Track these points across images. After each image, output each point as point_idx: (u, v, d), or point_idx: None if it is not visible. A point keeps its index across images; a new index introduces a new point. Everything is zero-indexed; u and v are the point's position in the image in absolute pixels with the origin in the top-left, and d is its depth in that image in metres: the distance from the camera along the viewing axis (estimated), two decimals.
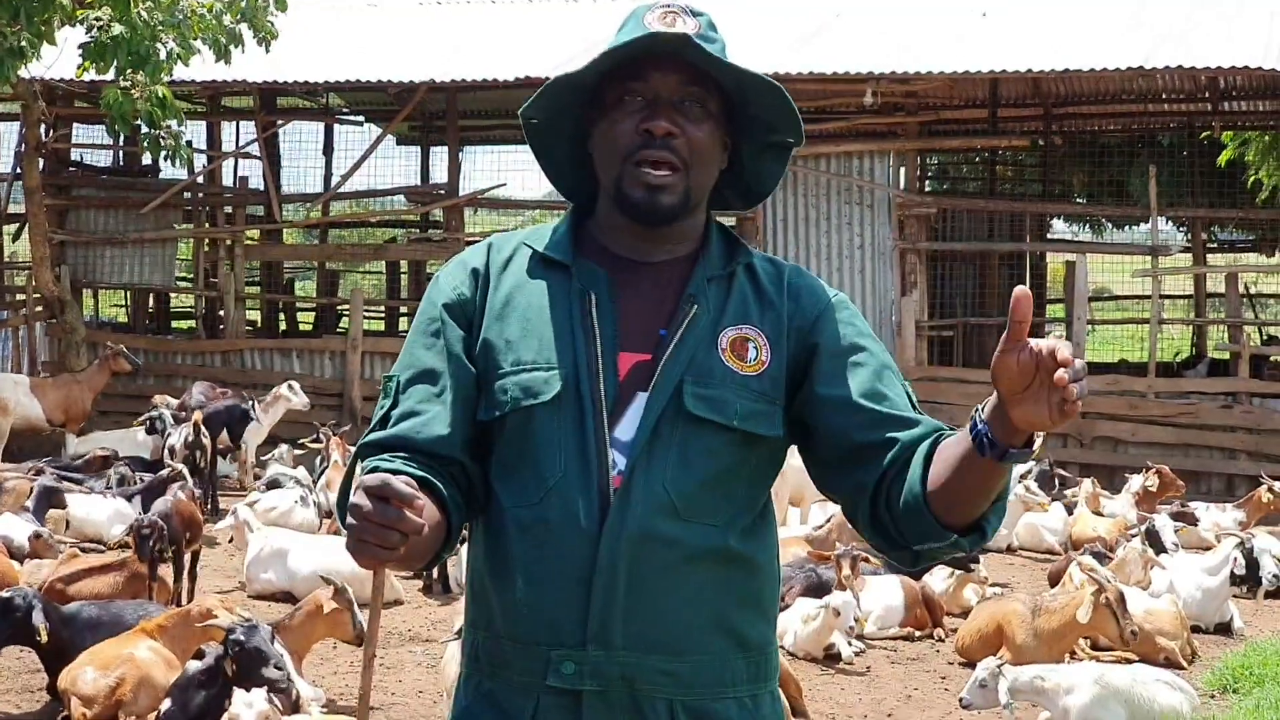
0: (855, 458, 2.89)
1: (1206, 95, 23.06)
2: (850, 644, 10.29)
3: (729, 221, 20.58)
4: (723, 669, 2.88)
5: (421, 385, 2.96)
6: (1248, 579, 11.94)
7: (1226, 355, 20.42)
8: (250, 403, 16.53)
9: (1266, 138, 25.08)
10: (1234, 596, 11.82)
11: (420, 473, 2.82)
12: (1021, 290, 2.61)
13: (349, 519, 2.60)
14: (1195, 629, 10.98)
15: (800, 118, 3.04)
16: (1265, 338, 24.46)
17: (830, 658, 10.20)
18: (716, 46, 2.95)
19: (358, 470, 2.86)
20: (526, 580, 2.85)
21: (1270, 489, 14.61)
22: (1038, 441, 2.68)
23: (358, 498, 2.58)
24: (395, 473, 2.72)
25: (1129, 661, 9.67)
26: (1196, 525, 14.12)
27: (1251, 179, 25.28)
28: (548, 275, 3.00)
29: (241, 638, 7.27)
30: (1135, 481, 15.37)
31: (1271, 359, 21.88)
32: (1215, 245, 27.50)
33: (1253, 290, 26.54)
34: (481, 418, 2.94)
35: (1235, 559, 11.45)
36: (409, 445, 2.90)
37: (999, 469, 2.69)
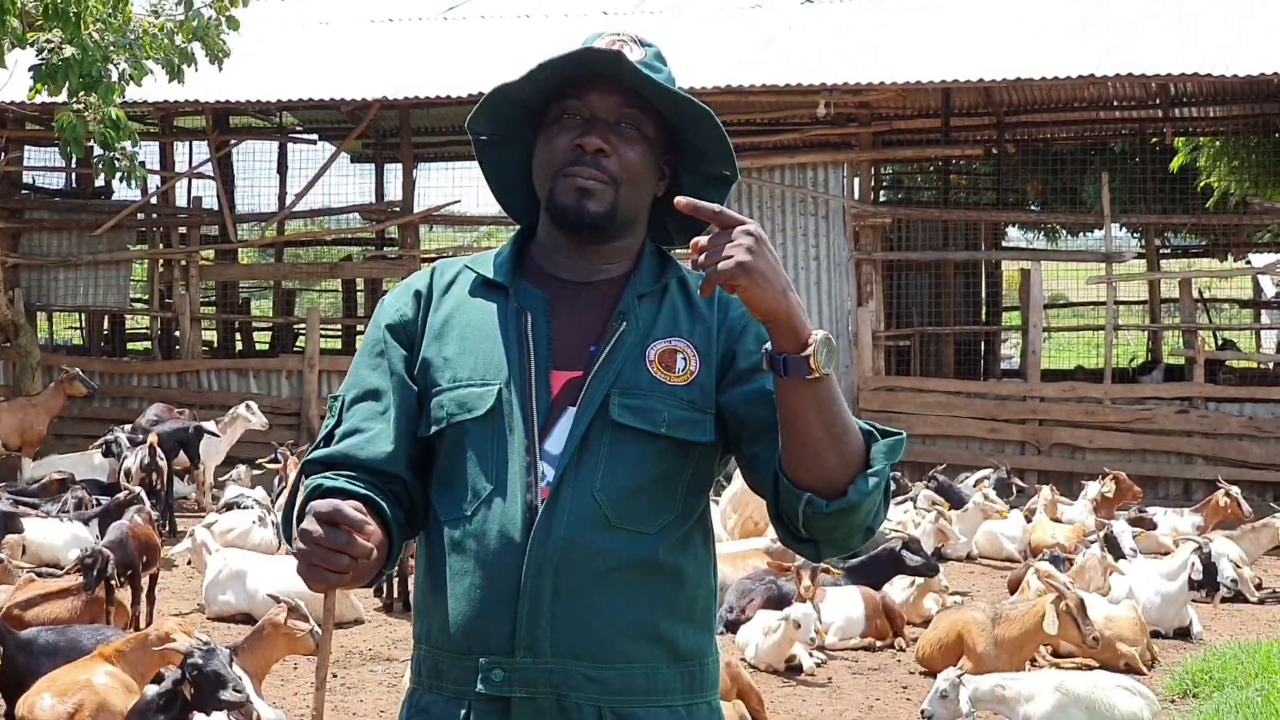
0: (763, 469, 2.93)
1: (1157, 102, 23.20)
2: (811, 655, 10.30)
3: None
4: (652, 678, 2.92)
5: (365, 404, 3.03)
6: (1206, 583, 11.98)
7: (1182, 360, 20.52)
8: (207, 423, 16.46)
9: (1217, 143, 25.23)
10: (1193, 601, 11.86)
11: (363, 491, 2.88)
12: (681, 200, 2.73)
13: (299, 544, 2.67)
14: (1155, 634, 11.02)
15: (733, 148, 3.09)
16: (1220, 342, 24.58)
17: (792, 669, 10.20)
18: (661, 76, 3.01)
19: (302, 487, 2.94)
20: (458, 591, 2.92)
21: (1227, 493, 14.68)
22: (810, 348, 2.70)
23: (308, 523, 2.65)
24: (340, 491, 2.82)
25: (1089, 668, 9.70)
26: (1154, 530, 14.17)
27: (1203, 184, 25.41)
28: (488, 296, 3.07)
29: (200, 661, 7.22)
30: (1093, 488, 15.44)
31: (1226, 364, 22.03)
32: (1169, 251, 27.66)
33: (1206, 295, 26.69)
34: (421, 434, 3.01)
35: (1193, 564, 11.48)
36: (352, 462, 2.96)
37: (791, 387, 2.73)
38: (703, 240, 2.67)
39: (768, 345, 2.74)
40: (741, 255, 2.63)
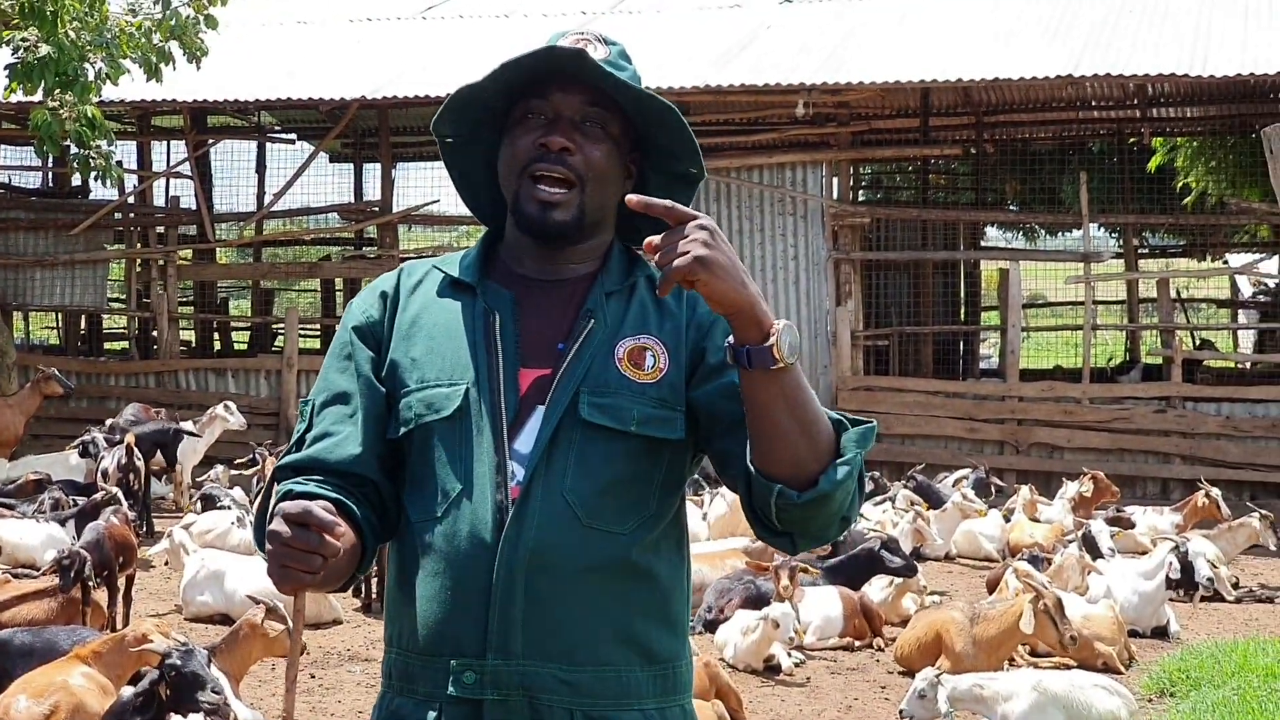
0: (738, 462, 2.90)
1: (1135, 102, 23.25)
2: (790, 655, 10.31)
3: None
4: (625, 680, 2.90)
5: (335, 407, 3.03)
6: (1183, 583, 12.01)
7: (1159, 360, 20.57)
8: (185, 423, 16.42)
9: (1195, 143, 25.30)
10: (1170, 600, 11.89)
11: (334, 494, 2.88)
12: (632, 198, 2.74)
13: (269, 545, 2.66)
14: (1132, 633, 11.04)
15: (698, 146, 3.08)
16: (1198, 342, 24.64)
17: (770, 669, 10.20)
18: (625, 74, 3.00)
19: (274, 493, 2.93)
20: (429, 593, 2.91)
21: (1207, 494, 14.71)
22: (772, 339, 2.69)
23: (277, 524, 2.64)
24: (310, 495, 2.81)
25: (1067, 667, 9.71)
26: (1133, 529, 14.20)
27: (1181, 184, 25.49)
28: (455, 296, 3.06)
29: (177, 662, 7.20)
30: (1071, 487, 15.46)
31: (1203, 363, 22.10)
32: (1147, 251, 27.73)
33: (1184, 295, 26.75)
34: (390, 435, 3.00)
35: (1170, 563, 11.51)
36: (322, 466, 2.96)
37: (756, 378, 2.72)
38: (656, 239, 2.65)
39: (730, 339, 2.73)
40: (698, 250, 2.62)
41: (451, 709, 2.87)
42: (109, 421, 16.76)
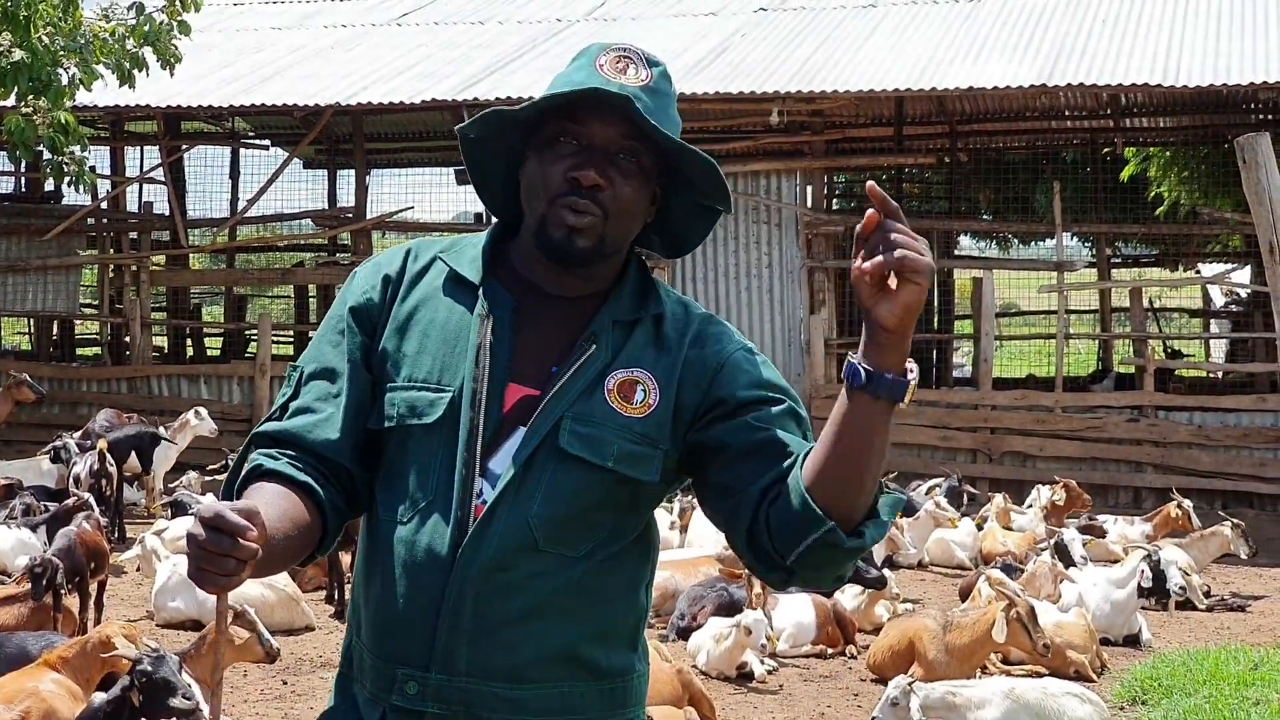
0: (738, 491, 2.89)
1: (1108, 112, 23.36)
2: (763, 662, 10.31)
3: None
4: (570, 697, 2.89)
5: (321, 382, 3.02)
6: (1155, 591, 12.04)
7: (1132, 369, 20.62)
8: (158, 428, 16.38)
9: (1168, 153, 25.39)
10: (1144, 609, 11.92)
11: (301, 477, 2.89)
12: (870, 185, 2.70)
13: (187, 547, 2.63)
14: (1104, 641, 11.07)
15: (730, 191, 3.04)
16: (1169, 351, 24.71)
17: (743, 676, 10.20)
18: (662, 100, 2.95)
19: (247, 461, 2.95)
20: (384, 594, 2.91)
21: (1179, 505, 14.73)
22: (911, 376, 2.69)
23: (194, 527, 2.61)
24: (276, 474, 2.86)
25: (1040, 675, 9.73)
26: (1105, 538, 14.23)
27: (1154, 194, 25.57)
28: (456, 293, 3.02)
29: (149, 668, 7.17)
30: (1043, 495, 15.48)
31: (1175, 372, 22.16)
32: (1119, 260, 27.80)
33: (1157, 304, 26.83)
34: (372, 425, 2.99)
35: (1142, 571, 11.54)
36: (299, 443, 2.96)
37: (875, 408, 2.71)
38: (877, 219, 2.66)
39: (856, 358, 2.70)
40: (928, 257, 2.62)
41: (394, 716, 2.88)
42: (82, 429, 16.71)
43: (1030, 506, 15.53)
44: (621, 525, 2.94)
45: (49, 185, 22.56)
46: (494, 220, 3.18)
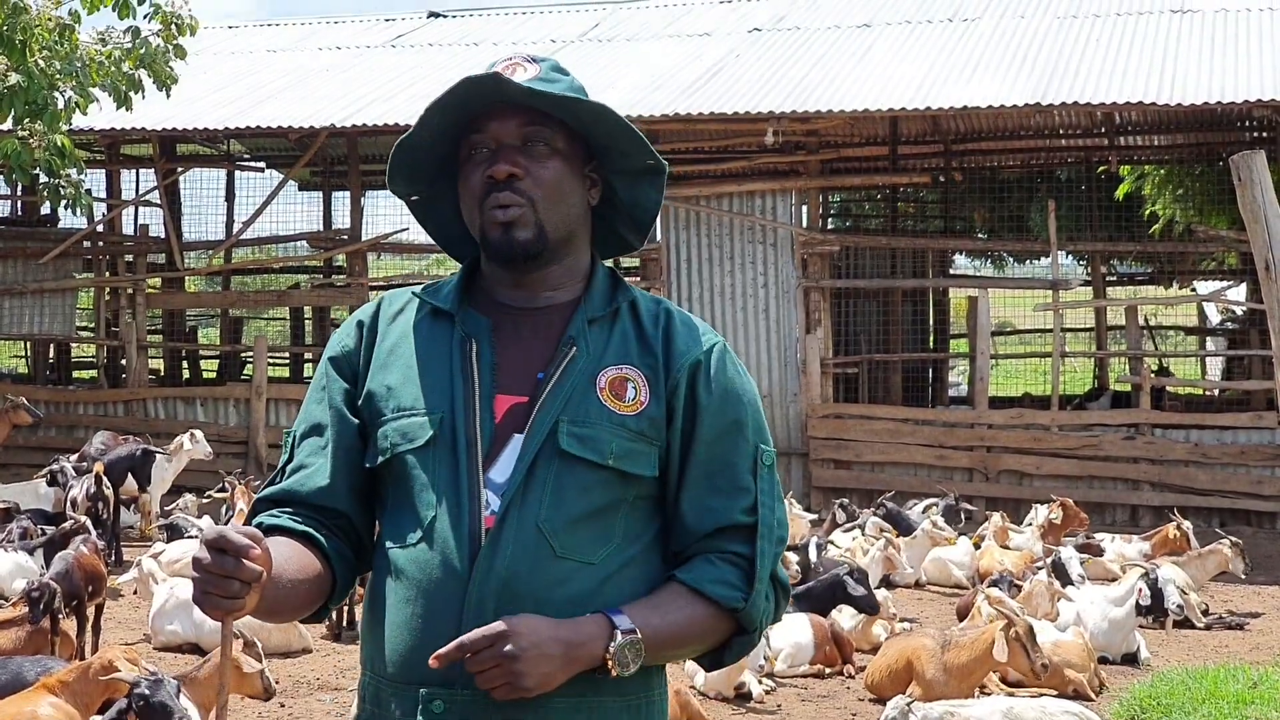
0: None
1: (1103, 130, 23.38)
2: (760, 683, 10.29)
3: (633, 262, 20.65)
4: (594, 710, 2.89)
5: (311, 439, 3.05)
6: (1153, 609, 12.03)
7: (1128, 387, 20.63)
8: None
9: (1162, 171, 25.41)
10: (1141, 628, 11.91)
11: (301, 527, 2.92)
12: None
13: (193, 572, 2.65)
14: (1102, 660, 11.06)
15: (644, 138, 3.07)
16: (1159, 368, 24.71)
17: (741, 697, 10.19)
18: (560, 86, 3.01)
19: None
20: (400, 619, 2.90)
21: (1178, 526, 14.71)
22: (611, 666, 2.84)
23: (199, 551, 2.62)
24: (277, 528, 2.87)
25: (1038, 694, 9.72)
26: (1102, 556, 14.23)
27: (1148, 212, 25.59)
28: (434, 325, 3.06)
29: (146, 692, 7.16)
30: (1040, 514, 15.48)
31: (1169, 390, 22.16)
32: (1115, 278, 27.83)
33: (1152, 322, 26.85)
34: (369, 464, 3.01)
35: (1140, 589, 11.53)
36: (295, 499, 2.99)
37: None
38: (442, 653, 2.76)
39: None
40: (499, 678, 2.74)
41: None
42: (78, 452, 16.70)
43: (1028, 525, 15.53)
44: (631, 528, 2.96)
45: (45, 208, 22.57)
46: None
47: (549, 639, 2.75)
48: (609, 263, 3.22)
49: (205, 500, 15.89)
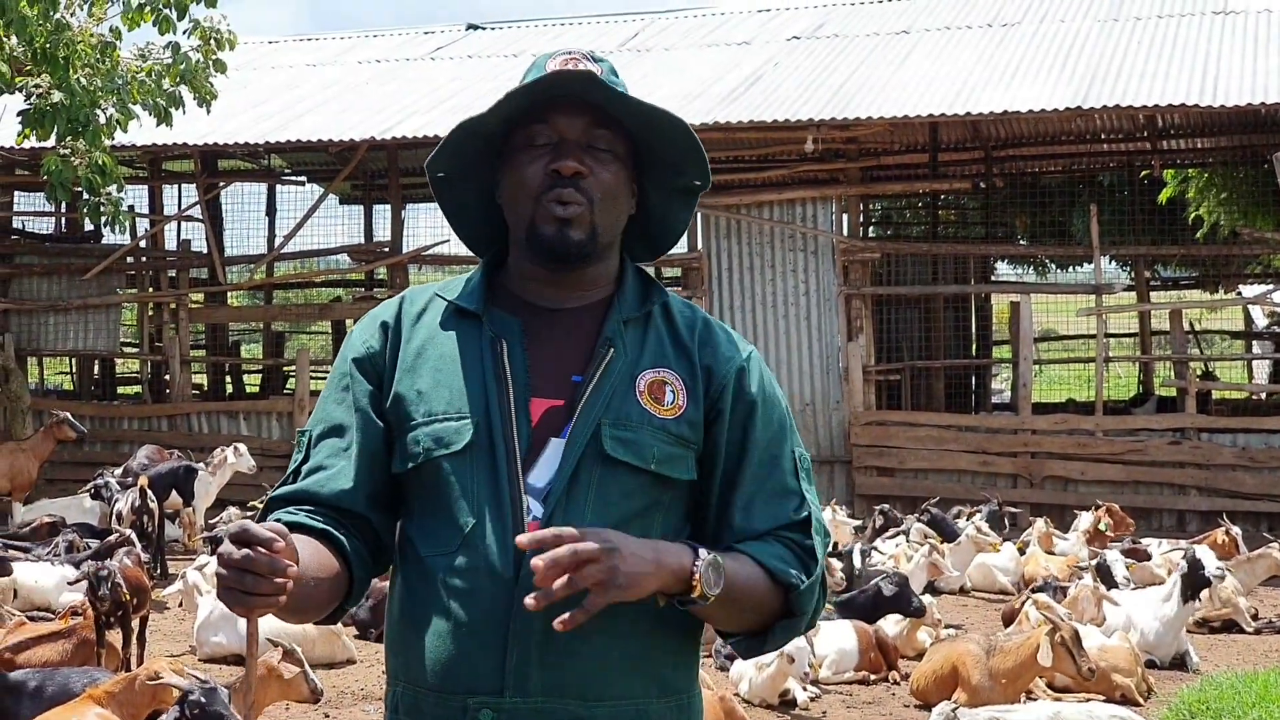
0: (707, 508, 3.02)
1: (1145, 134, 23.28)
2: (805, 689, 10.25)
3: (674, 272, 20.65)
4: (642, 713, 2.87)
5: (331, 440, 3.00)
6: (1194, 582, 11.74)
7: (1173, 392, 20.51)
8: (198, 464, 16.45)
9: (1206, 174, 25.29)
10: (1190, 631, 11.82)
11: (320, 525, 2.88)
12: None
13: (217, 568, 2.59)
14: (1150, 664, 10.98)
15: (706, 156, 3.05)
16: (1203, 372, 24.57)
17: (786, 704, 10.16)
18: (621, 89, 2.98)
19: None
20: (441, 629, 2.85)
21: (1227, 531, 14.63)
22: (696, 587, 2.78)
23: (222, 546, 2.57)
24: (296, 525, 2.80)
25: (1085, 699, 9.66)
26: (1149, 561, 14.15)
27: (1192, 215, 25.47)
28: (460, 325, 3.00)
29: (201, 699, 7.14)
30: (1084, 519, 15.41)
31: (1215, 394, 22.04)
32: (1158, 283, 27.71)
33: (1197, 327, 26.71)
34: (396, 470, 2.96)
35: (1180, 566, 11.44)
36: (313, 499, 2.94)
37: (700, 608, 2.85)
38: (539, 561, 2.62)
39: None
40: (598, 574, 2.65)
41: None
42: (123, 467, 16.78)
43: (1073, 531, 15.46)
44: (668, 530, 2.93)
45: (88, 225, 22.67)
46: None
47: (642, 544, 2.73)
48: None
49: (249, 513, 15.93)
